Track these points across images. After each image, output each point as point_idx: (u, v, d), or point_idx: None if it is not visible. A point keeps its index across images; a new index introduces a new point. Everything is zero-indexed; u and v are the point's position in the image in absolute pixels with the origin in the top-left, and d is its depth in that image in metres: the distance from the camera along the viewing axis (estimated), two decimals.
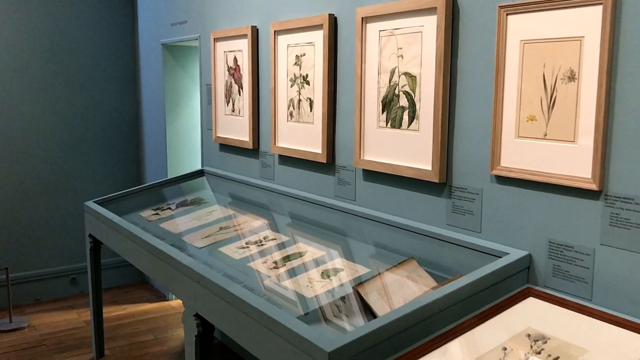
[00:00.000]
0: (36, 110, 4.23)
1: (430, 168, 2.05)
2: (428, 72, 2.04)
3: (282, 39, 2.77)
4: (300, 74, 2.67)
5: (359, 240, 2.37)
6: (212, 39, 3.33)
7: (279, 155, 2.90)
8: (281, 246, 2.47)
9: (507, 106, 1.79)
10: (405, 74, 2.13)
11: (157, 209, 3.24)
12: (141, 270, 2.72)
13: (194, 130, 4.17)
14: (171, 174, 4.09)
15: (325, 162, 2.54)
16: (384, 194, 2.29)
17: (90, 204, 3.22)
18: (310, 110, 2.62)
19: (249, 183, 3.11)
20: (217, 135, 3.39)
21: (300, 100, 2.69)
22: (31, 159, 4.24)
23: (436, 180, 2.02)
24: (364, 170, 2.39)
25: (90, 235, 3.22)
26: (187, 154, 4.17)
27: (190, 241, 2.69)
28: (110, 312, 4.08)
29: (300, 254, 2.34)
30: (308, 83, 2.63)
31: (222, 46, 3.28)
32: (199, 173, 3.54)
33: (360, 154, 2.36)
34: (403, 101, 2.15)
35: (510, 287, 1.72)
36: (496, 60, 1.80)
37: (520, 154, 1.76)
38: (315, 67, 2.58)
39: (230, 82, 3.23)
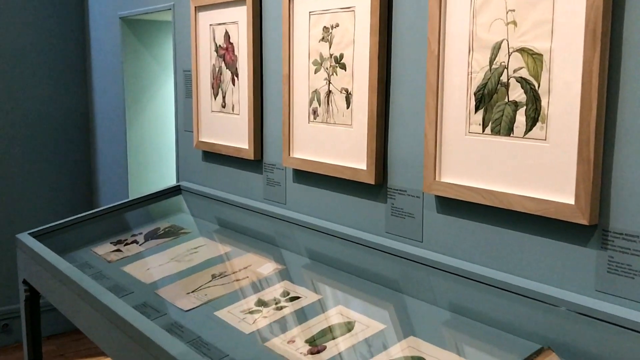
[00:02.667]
0: None
1: None
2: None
3: (302, 3, 2.02)
4: (331, 55, 1.93)
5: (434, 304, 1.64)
6: (193, 8, 2.56)
7: (295, 171, 2.15)
8: (312, 310, 1.73)
9: None
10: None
11: (119, 242, 2.47)
12: (99, 346, 1.93)
13: (165, 133, 3.46)
14: (135, 193, 3.37)
15: (373, 183, 1.80)
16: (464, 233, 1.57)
17: (24, 237, 2.42)
18: (347, 107, 1.88)
19: (247, 207, 2.35)
20: (200, 139, 2.61)
21: (330, 92, 1.94)
22: None
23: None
24: (436, 196, 1.66)
25: (24, 282, 2.41)
26: (156, 164, 3.45)
27: (170, 298, 1.93)
28: None
29: (348, 327, 1.60)
30: (344, 67, 1.88)
31: (206, 17, 2.50)
32: (174, 191, 2.78)
33: (435, 173, 1.63)
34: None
35: None
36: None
37: None
38: (356, 44, 1.83)
39: (220, 67, 2.46)
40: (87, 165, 3.93)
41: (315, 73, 2.00)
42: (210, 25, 2.50)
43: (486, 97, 1.52)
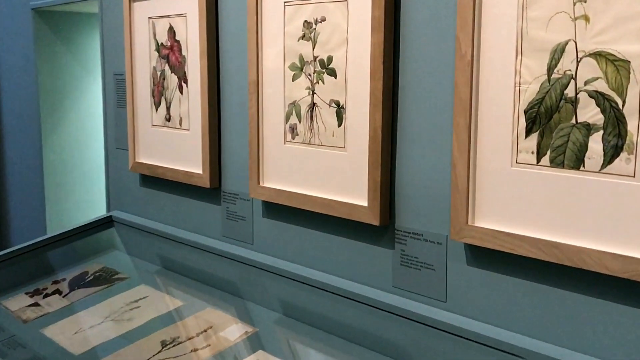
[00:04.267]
0: None
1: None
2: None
3: None
4: (316, 57, 1.54)
5: None
6: None
7: (265, 203, 1.75)
8: None
9: None
10: None
11: (36, 292, 2.03)
12: None
13: (91, 150, 3.08)
14: (55, 226, 2.94)
15: (377, 223, 1.42)
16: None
17: None
18: (339, 125, 1.49)
19: (200, 246, 1.94)
20: (138, 160, 2.17)
21: (314, 105, 1.55)
22: None
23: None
24: (466, 245, 1.30)
25: None
26: (81, 190, 3.08)
27: None
28: None
29: None
30: (333, 74, 1.50)
31: (144, 9, 2.07)
32: (105, 223, 2.34)
33: (468, 215, 1.27)
34: None
35: None
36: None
37: None
38: (351, 43, 1.45)
39: (163, 71, 2.03)
40: None
41: (293, 80, 1.61)
42: (150, 18, 2.06)
43: (542, 116, 1.16)
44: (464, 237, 1.29)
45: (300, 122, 1.61)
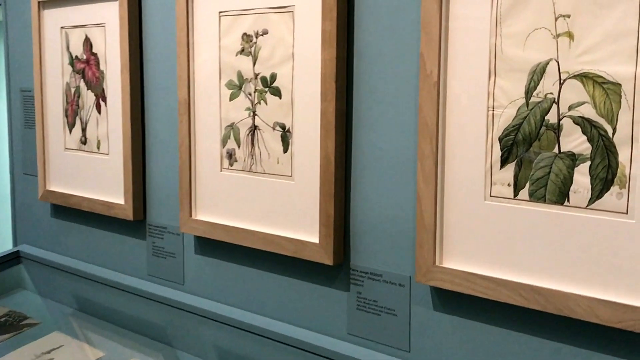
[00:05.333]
0: None
1: None
2: None
3: None
4: (257, 74, 1.37)
5: None
6: (35, 4, 1.90)
7: (199, 239, 1.56)
8: None
9: None
10: None
11: None
12: None
13: None
14: None
15: (331, 263, 1.27)
16: None
17: None
18: (285, 150, 1.34)
19: (122, 287, 1.73)
20: (49, 188, 1.94)
21: (256, 128, 1.39)
22: None
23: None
24: (434, 288, 1.17)
25: None
26: None
27: None
28: None
29: None
30: (277, 93, 1.34)
31: (56, 17, 1.85)
32: (12, 259, 2.08)
33: (436, 255, 1.14)
34: None
35: None
36: None
37: None
38: (298, 59, 1.30)
39: (78, 87, 1.81)
40: None
41: (231, 100, 1.44)
42: (63, 28, 1.84)
43: (520, 145, 1.05)
44: (431, 280, 1.15)
45: (239, 147, 1.43)
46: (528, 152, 1.04)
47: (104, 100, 1.74)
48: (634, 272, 0.95)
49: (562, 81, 1.00)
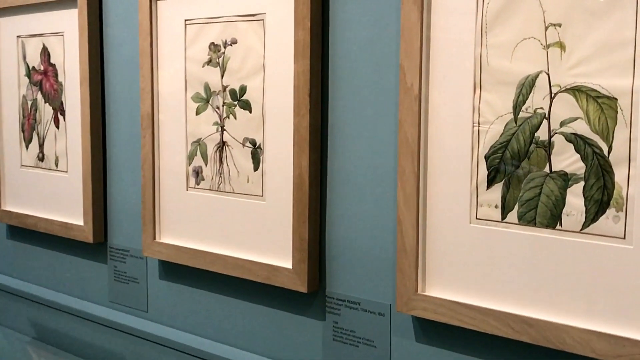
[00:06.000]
0: None
1: None
2: None
3: (173, 6, 1.38)
4: (225, 87, 1.29)
5: None
6: None
7: (163, 263, 1.47)
8: None
9: None
10: None
11: None
12: None
13: None
14: None
15: (305, 290, 1.19)
16: None
17: None
18: (256, 168, 1.26)
19: (81, 314, 1.64)
20: (4, 208, 1.85)
21: (224, 144, 1.31)
22: None
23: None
24: (416, 318, 1.10)
25: None
26: None
27: None
28: None
29: None
30: (247, 107, 1.26)
31: (12, 25, 1.77)
32: None
33: (418, 283, 1.06)
34: None
35: None
36: None
37: None
38: (269, 71, 1.22)
39: (34, 100, 1.72)
40: None
41: (197, 114, 1.36)
42: (19, 37, 1.75)
43: (508, 163, 0.98)
44: (413, 309, 1.07)
45: (206, 165, 1.35)
46: (517, 171, 0.97)
47: (63, 114, 1.65)
48: (633, 302, 0.89)
49: (553, 95, 0.94)
